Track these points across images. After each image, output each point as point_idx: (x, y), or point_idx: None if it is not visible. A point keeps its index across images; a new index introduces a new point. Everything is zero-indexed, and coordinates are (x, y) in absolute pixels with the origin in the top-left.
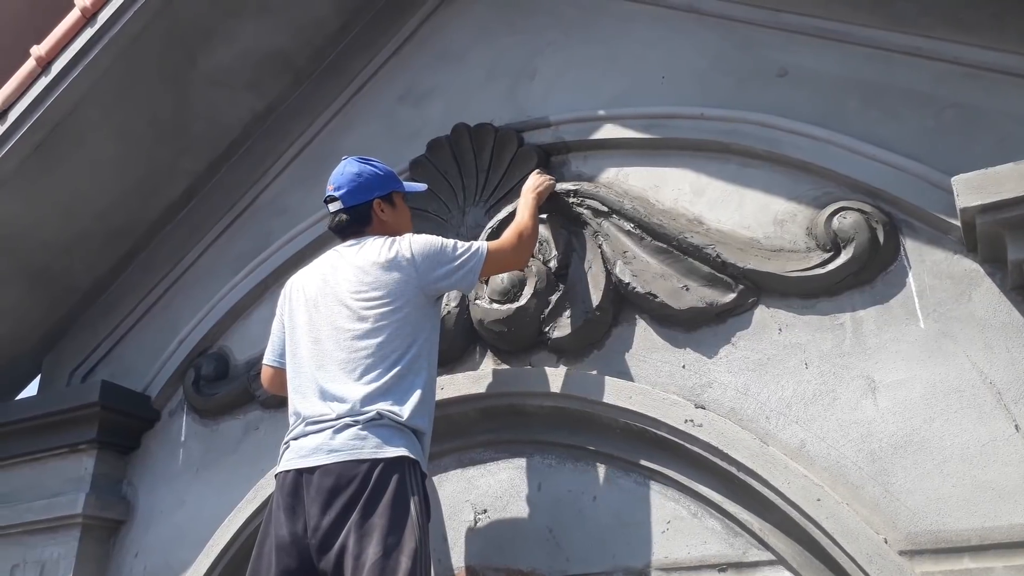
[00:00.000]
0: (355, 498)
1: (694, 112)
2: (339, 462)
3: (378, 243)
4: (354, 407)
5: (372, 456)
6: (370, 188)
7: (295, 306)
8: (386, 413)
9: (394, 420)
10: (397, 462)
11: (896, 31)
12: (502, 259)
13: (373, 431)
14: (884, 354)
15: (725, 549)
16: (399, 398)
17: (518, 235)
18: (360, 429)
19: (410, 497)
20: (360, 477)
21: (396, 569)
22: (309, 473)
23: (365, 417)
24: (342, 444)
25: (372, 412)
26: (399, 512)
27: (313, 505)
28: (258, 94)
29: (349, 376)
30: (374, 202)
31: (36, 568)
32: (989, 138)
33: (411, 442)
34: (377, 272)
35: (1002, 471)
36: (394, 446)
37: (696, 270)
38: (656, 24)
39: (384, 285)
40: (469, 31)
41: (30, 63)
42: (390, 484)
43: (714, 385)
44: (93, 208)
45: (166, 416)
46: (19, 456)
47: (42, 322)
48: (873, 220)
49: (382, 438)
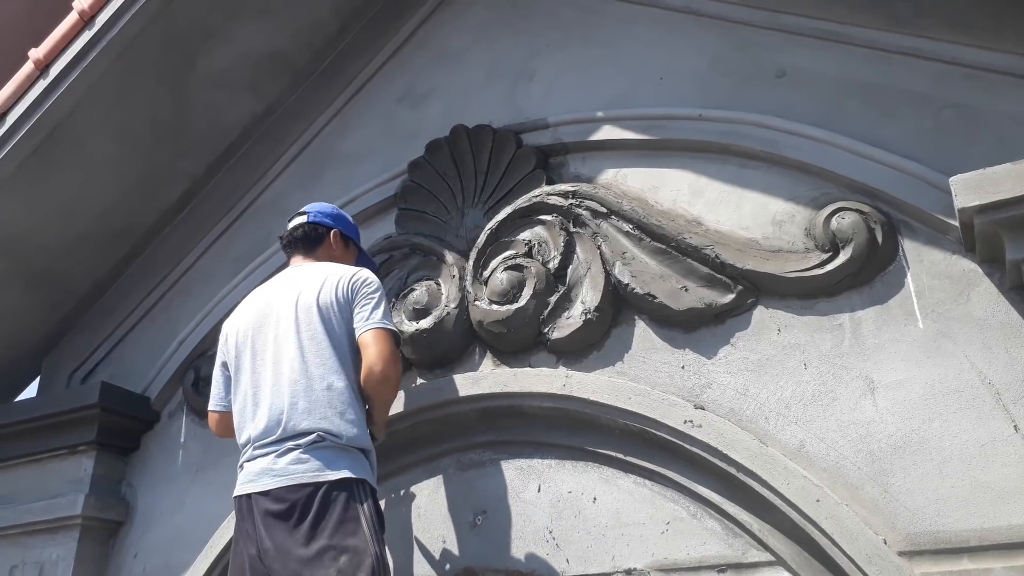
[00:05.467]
0: (300, 522)
1: (693, 113)
2: (283, 487)
3: (322, 272)
4: (296, 430)
5: (314, 479)
6: (337, 220)
7: (239, 340)
8: (327, 435)
9: (335, 442)
10: (341, 483)
11: (894, 32)
12: (385, 359)
13: (314, 454)
14: (883, 354)
15: (724, 550)
16: (339, 419)
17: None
18: (302, 452)
19: (360, 514)
20: (303, 501)
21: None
22: (259, 496)
23: (306, 440)
24: (284, 468)
25: (313, 435)
26: (349, 530)
27: (260, 529)
28: (257, 96)
29: (291, 400)
30: (333, 230)
31: (35, 569)
32: (987, 138)
33: (355, 461)
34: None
35: (1001, 472)
36: (336, 468)
37: (695, 271)
38: (655, 25)
39: (326, 311)
40: (468, 32)
41: (28, 66)
42: (335, 505)
43: (713, 386)
44: (92, 210)
45: (166, 417)
46: (19, 457)
47: (42, 324)
48: (871, 220)
49: (324, 461)
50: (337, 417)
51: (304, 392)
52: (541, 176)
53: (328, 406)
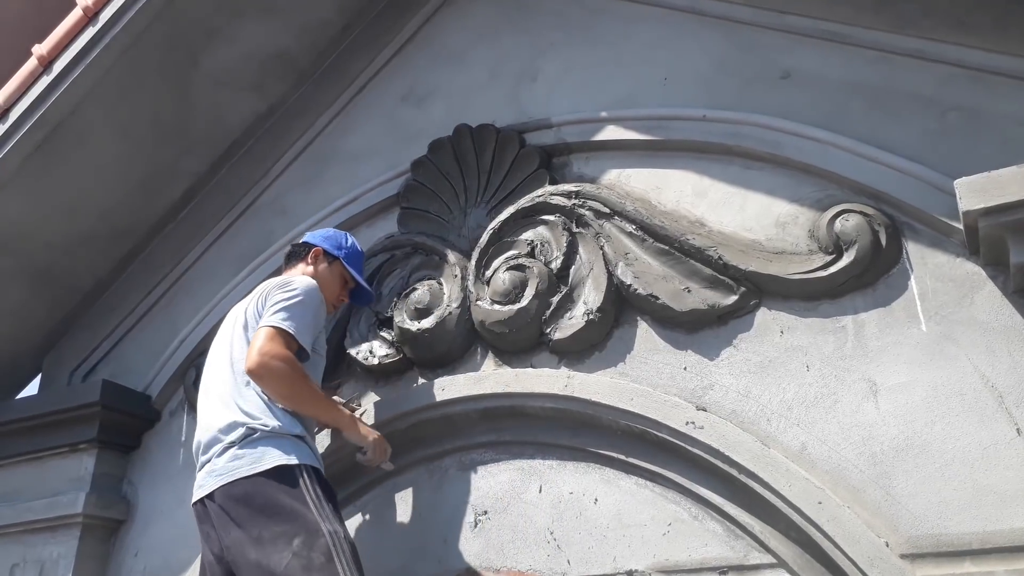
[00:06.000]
0: (243, 515)
1: (696, 114)
2: (224, 484)
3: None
4: (231, 429)
5: (250, 472)
6: (325, 240)
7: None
8: (258, 427)
9: (265, 432)
10: (279, 471)
11: (899, 34)
12: (277, 358)
13: (247, 448)
14: (886, 357)
15: (726, 551)
16: (267, 411)
17: (292, 387)
18: (237, 449)
19: (305, 496)
20: (242, 494)
21: (312, 568)
22: (207, 499)
23: (238, 435)
24: (224, 467)
25: (244, 429)
26: (296, 514)
27: (216, 528)
28: (260, 94)
29: (228, 400)
30: (314, 248)
31: (36, 567)
32: (992, 141)
33: (290, 447)
34: (255, 306)
35: (1003, 475)
36: (272, 457)
37: (698, 272)
38: (659, 25)
39: (252, 319)
40: (471, 32)
41: (32, 62)
42: (275, 493)
43: (715, 387)
44: (95, 208)
45: (167, 416)
46: (19, 455)
47: (43, 321)
48: (875, 223)
49: (257, 453)
50: (265, 409)
51: (232, 394)
52: (544, 176)
53: (255, 402)
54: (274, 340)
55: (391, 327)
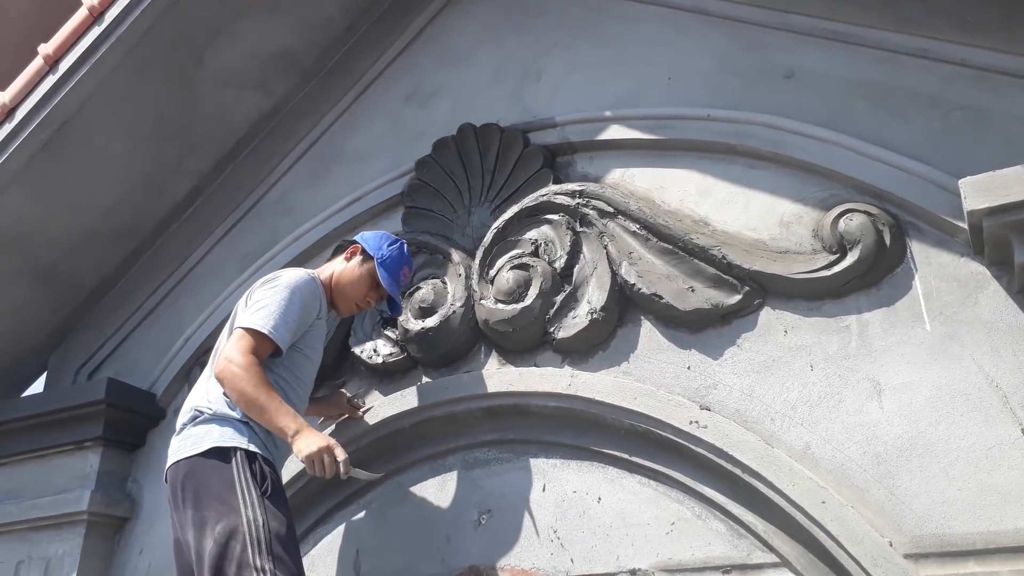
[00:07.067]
0: (184, 495)
1: (700, 113)
2: (172, 464)
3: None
4: (187, 411)
5: (191, 452)
6: (370, 239)
7: None
8: (204, 409)
9: (209, 413)
10: (214, 452)
11: (904, 33)
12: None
13: (193, 429)
14: (890, 356)
15: (729, 551)
16: (215, 394)
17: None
18: (189, 429)
19: (235, 481)
20: (183, 475)
21: (229, 556)
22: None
23: (188, 417)
24: (175, 447)
25: (194, 412)
26: (223, 498)
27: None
28: (264, 93)
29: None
30: (353, 244)
31: (41, 564)
32: (997, 140)
33: (231, 429)
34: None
35: (1008, 475)
36: (210, 438)
37: (702, 271)
38: (663, 25)
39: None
40: (475, 31)
41: (37, 61)
42: (208, 476)
43: (719, 387)
44: (100, 206)
45: (171, 414)
46: (25, 453)
47: (48, 320)
48: (879, 222)
49: (200, 434)
50: (216, 393)
51: (204, 383)
52: (548, 175)
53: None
54: (240, 343)
55: (395, 326)
